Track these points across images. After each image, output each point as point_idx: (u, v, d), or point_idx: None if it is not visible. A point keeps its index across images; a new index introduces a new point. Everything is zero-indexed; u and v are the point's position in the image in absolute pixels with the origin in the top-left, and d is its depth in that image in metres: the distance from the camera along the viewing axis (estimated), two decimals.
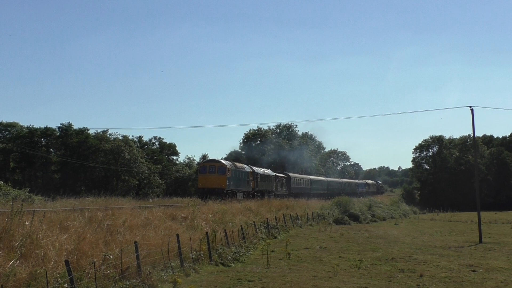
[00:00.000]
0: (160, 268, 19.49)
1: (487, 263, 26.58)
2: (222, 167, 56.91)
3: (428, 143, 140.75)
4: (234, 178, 59.30)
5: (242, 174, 63.79)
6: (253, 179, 67.61)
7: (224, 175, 56.04)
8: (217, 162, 59.47)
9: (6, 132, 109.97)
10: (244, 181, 64.03)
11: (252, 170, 68.27)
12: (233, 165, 61.56)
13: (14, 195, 43.76)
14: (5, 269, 13.50)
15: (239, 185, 61.65)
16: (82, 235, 19.12)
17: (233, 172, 59.07)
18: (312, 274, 22.19)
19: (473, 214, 51.97)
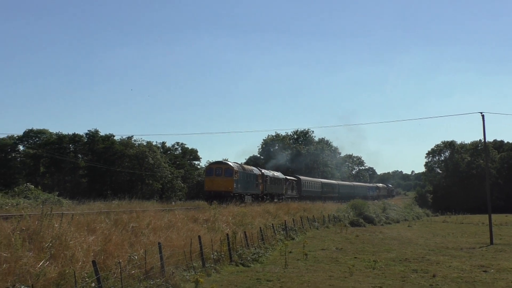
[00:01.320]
0: (182, 268, 19.51)
1: (498, 264, 26.42)
2: (229, 169, 53.66)
3: (440, 148, 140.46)
4: (242, 180, 55.81)
5: (251, 176, 60.44)
6: (262, 182, 63.90)
7: (231, 178, 52.60)
8: (224, 164, 56.02)
9: (36, 139, 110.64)
10: (252, 184, 60.57)
11: (261, 172, 65.09)
12: (241, 167, 58.43)
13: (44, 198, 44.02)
14: (35, 269, 13.56)
15: (247, 188, 58.06)
16: (109, 236, 19.18)
17: (240, 174, 55.61)
18: (329, 274, 22.14)
19: (484, 217, 51.75)
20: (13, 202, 39.68)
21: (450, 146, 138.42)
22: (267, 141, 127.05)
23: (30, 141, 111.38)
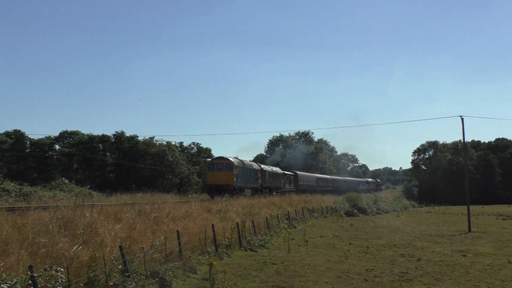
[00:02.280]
0: (198, 253, 19.54)
1: (475, 249, 26.37)
2: (229, 164, 51.42)
3: (425, 147, 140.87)
4: (241, 175, 53.66)
5: (250, 171, 58.02)
6: (261, 176, 61.45)
7: (232, 172, 50.57)
8: (225, 159, 52.94)
9: (70, 139, 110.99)
10: (252, 178, 58.15)
11: (260, 167, 62.58)
12: (241, 163, 55.64)
13: (77, 191, 44.07)
14: (70, 253, 13.62)
15: (247, 182, 55.73)
16: (133, 225, 19.25)
17: (240, 169, 53.52)
18: (326, 258, 22.12)
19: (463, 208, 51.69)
20: (50, 194, 39.77)
21: (433, 145, 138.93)
22: (272, 141, 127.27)
23: (65, 141, 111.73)
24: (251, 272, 18.16)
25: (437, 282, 17.03)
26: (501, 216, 60.29)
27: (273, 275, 17.76)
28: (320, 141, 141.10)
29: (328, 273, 18.40)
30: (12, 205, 25.93)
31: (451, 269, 19.87)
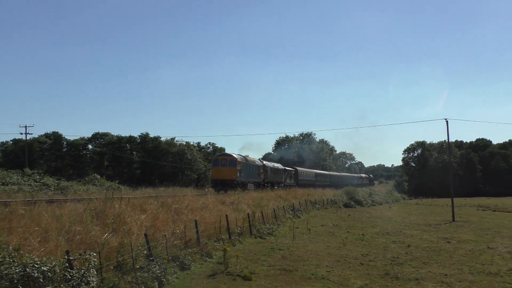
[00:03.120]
0: (213, 240, 19.58)
1: (458, 236, 26.31)
2: (232, 160, 49.16)
3: (414, 147, 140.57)
4: (244, 170, 51.42)
5: (253, 167, 55.76)
6: (263, 172, 59.33)
7: (235, 168, 48.40)
8: (228, 156, 51.01)
9: (101, 140, 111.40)
10: (254, 173, 55.78)
11: (262, 163, 60.53)
12: (244, 159, 53.41)
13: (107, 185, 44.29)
14: (101, 239, 13.68)
15: (249, 177, 53.34)
16: (156, 215, 19.30)
17: (243, 165, 51.32)
18: (327, 245, 22.13)
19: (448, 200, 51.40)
20: (84, 188, 40.02)
21: (421, 145, 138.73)
22: (278, 141, 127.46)
23: (97, 141, 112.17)
24: (260, 257, 18.19)
25: (424, 266, 17.01)
26: (481, 207, 60.32)
27: (280, 259, 17.79)
28: (321, 141, 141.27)
29: (328, 258, 18.41)
30: (51, 197, 26.06)
31: (437, 254, 19.85)
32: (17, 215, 14.07)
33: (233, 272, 15.04)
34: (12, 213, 14.25)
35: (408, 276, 15.11)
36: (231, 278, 14.29)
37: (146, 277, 13.00)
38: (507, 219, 40.89)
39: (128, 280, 12.43)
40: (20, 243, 11.41)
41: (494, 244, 23.34)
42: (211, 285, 13.48)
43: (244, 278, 14.26)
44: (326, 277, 14.79)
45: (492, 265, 17.43)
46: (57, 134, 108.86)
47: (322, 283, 14.00)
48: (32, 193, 29.94)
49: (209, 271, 15.31)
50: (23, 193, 28.80)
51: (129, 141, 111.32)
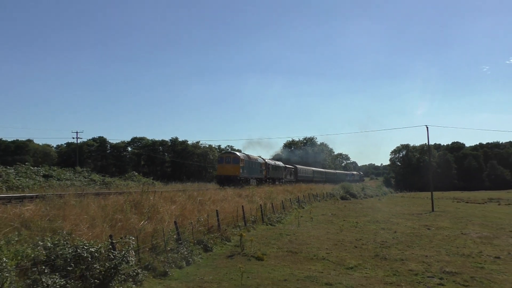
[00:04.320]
0: (231, 226, 19.58)
1: (437, 224, 26.13)
2: (236, 158, 46.10)
3: (399, 149, 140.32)
4: (247, 167, 48.13)
5: (255, 164, 52.05)
6: (265, 169, 55.65)
7: (238, 165, 45.39)
8: (232, 154, 48.43)
9: (138, 143, 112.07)
10: (257, 170, 52.18)
11: (264, 161, 56.67)
12: (247, 157, 49.95)
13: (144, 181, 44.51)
14: (138, 226, 13.74)
15: (252, 173, 49.92)
16: (184, 205, 19.35)
17: (246, 162, 48.00)
18: (326, 231, 22.06)
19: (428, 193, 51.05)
20: (124, 183, 40.23)
21: (406, 147, 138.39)
22: (286, 144, 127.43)
23: (135, 144, 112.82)
24: (270, 240, 18.19)
25: (408, 248, 16.94)
26: (456, 199, 60.03)
27: (287, 243, 17.77)
28: (321, 144, 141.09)
29: (327, 242, 18.37)
30: (98, 191, 26.23)
31: (419, 239, 19.74)
32: (70, 205, 14.18)
33: (248, 253, 15.06)
34: (66, 203, 14.35)
35: (394, 257, 15.06)
36: (247, 259, 14.31)
37: (175, 257, 13.05)
38: (478, 209, 40.62)
39: (160, 260, 12.47)
40: (72, 228, 11.51)
41: (467, 230, 23.19)
42: (230, 264, 13.50)
43: (257, 259, 14.28)
44: (326, 257, 14.78)
45: (465, 248, 17.34)
46: (102, 138, 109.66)
47: (323, 263, 13.99)
48: (82, 187, 30.17)
49: (228, 253, 15.34)
50: (75, 187, 29.03)
51: (162, 144, 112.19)
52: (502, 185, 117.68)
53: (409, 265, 13.88)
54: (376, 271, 13.03)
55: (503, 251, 16.74)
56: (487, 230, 23.35)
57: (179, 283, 11.14)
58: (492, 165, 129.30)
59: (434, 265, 13.86)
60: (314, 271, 12.83)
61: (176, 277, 11.74)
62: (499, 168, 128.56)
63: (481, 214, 34.32)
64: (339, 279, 11.81)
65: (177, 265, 12.77)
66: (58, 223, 11.79)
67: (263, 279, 11.65)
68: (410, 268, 13.45)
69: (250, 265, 13.41)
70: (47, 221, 11.89)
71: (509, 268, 13.72)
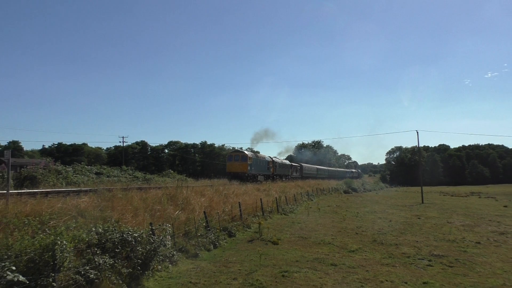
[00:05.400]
0: (251, 216, 19.59)
1: (426, 214, 25.80)
2: (244, 156, 43.65)
3: (393, 150, 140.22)
4: (255, 164, 45.35)
5: (263, 162, 49.05)
6: (272, 166, 52.46)
7: (246, 162, 43.04)
8: (241, 152, 45.45)
9: (174, 146, 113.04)
10: (264, 167, 49.14)
11: (272, 159, 53.20)
12: (255, 155, 47.21)
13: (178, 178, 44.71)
14: (174, 215, 13.82)
15: (260, 170, 47.06)
16: (212, 198, 19.42)
17: (254, 160, 45.26)
18: (332, 220, 21.94)
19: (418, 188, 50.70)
20: (162, 180, 40.47)
21: (399, 149, 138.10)
22: (297, 146, 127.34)
23: (171, 147, 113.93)
24: (284, 228, 18.14)
25: (401, 235, 16.75)
26: (443, 193, 59.15)
27: (298, 230, 17.72)
28: (327, 146, 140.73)
29: (332, 229, 18.26)
30: (140, 186, 26.45)
31: (410, 227, 19.51)
32: (117, 198, 14.33)
33: (265, 238, 15.05)
34: (114, 196, 14.51)
35: (389, 242, 14.91)
36: (264, 243, 14.29)
37: (204, 242, 13.09)
38: (461, 201, 40.05)
39: (192, 243, 12.52)
40: (119, 217, 11.62)
41: (452, 219, 22.87)
42: (250, 247, 13.50)
43: (273, 243, 14.25)
44: (331, 242, 14.68)
45: (450, 234, 17.10)
46: (144, 142, 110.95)
47: (328, 247, 13.90)
48: (127, 182, 30.46)
49: (249, 238, 15.34)
50: (121, 182, 29.30)
51: (193, 147, 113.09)
52: (482, 181, 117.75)
53: (402, 249, 13.73)
54: (374, 254, 12.91)
55: (483, 237, 16.48)
56: (469, 219, 23.01)
57: (208, 263, 11.18)
58: (473, 164, 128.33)
59: (424, 249, 13.69)
60: (321, 253, 12.76)
61: (205, 258, 11.78)
62: (479, 166, 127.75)
63: (464, 206, 33.83)
64: (343, 261, 11.73)
65: (206, 248, 12.81)
66: (107, 212, 11.92)
67: (278, 260, 11.63)
68: (403, 251, 13.30)
69: (267, 248, 13.39)
70: (98, 211, 12.04)
71: (488, 252, 13.50)
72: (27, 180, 25.91)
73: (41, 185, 25.29)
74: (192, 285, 9.10)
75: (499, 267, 11.45)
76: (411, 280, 9.82)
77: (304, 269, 10.61)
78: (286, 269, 10.50)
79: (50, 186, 25.26)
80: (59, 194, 15.93)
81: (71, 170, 34.19)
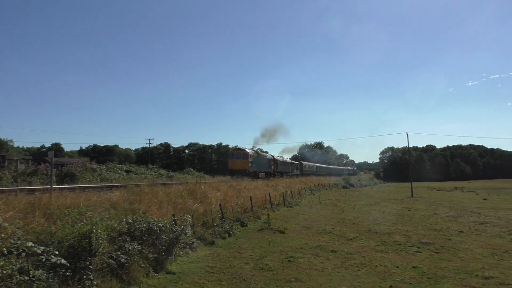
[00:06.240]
0: (261, 208, 19.57)
1: (415, 206, 25.57)
2: (245, 154, 40.75)
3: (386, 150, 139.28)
4: (256, 162, 42.42)
5: (264, 160, 45.88)
6: (273, 164, 49.44)
7: (247, 160, 40.23)
8: (242, 150, 41.92)
9: (193, 147, 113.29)
10: (265, 165, 46.01)
11: (273, 157, 50.10)
12: (255, 153, 44.06)
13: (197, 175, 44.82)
14: (193, 207, 13.87)
15: (260, 168, 44.09)
16: (227, 192, 19.45)
17: (255, 158, 42.38)
18: (332, 211, 21.84)
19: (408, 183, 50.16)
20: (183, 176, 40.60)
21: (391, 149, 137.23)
22: (301, 147, 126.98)
23: (190, 148, 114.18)
24: (290, 219, 18.11)
25: (393, 225, 16.63)
26: (430, 188, 58.61)
27: (302, 220, 17.67)
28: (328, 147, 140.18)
29: (332, 220, 18.19)
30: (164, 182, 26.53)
31: (401, 218, 19.35)
32: (144, 192, 14.42)
33: (273, 228, 15.02)
34: (141, 191, 14.60)
35: (383, 231, 14.81)
36: (272, 232, 14.27)
37: (220, 231, 13.12)
38: (446, 195, 39.63)
39: (209, 232, 12.56)
40: (146, 209, 11.69)
41: (438, 211, 22.64)
42: (260, 236, 13.49)
43: (280, 232, 14.23)
44: (331, 231, 14.63)
45: (437, 224, 16.94)
46: (167, 144, 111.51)
47: (329, 235, 13.84)
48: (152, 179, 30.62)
49: (259, 227, 15.34)
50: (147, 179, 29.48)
51: (210, 148, 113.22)
52: (464, 177, 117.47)
53: (394, 237, 13.63)
54: (369, 241, 12.83)
55: (465, 227, 16.32)
56: (453, 211, 22.77)
57: (223, 250, 11.21)
58: (456, 162, 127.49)
59: (413, 237, 13.57)
60: (323, 241, 12.71)
61: (220, 245, 11.81)
62: (462, 164, 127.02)
63: (449, 199, 33.48)
64: (342, 248, 11.68)
65: (221, 236, 12.84)
66: (136, 205, 12.01)
67: (285, 247, 11.61)
68: (395, 239, 13.21)
69: (275, 236, 13.38)
70: (128, 203, 12.12)
71: (470, 240, 13.36)
72: (67, 177, 26.20)
73: (79, 181, 25.54)
74: (210, 268, 9.13)
75: (479, 253, 11.34)
76: (402, 265, 9.75)
77: (307, 255, 10.59)
78: (292, 255, 10.49)
79: (86, 182, 25.49)
80: (94, 189, 16.07)
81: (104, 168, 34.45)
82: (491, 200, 32.09)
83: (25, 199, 9.89)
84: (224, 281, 8.16)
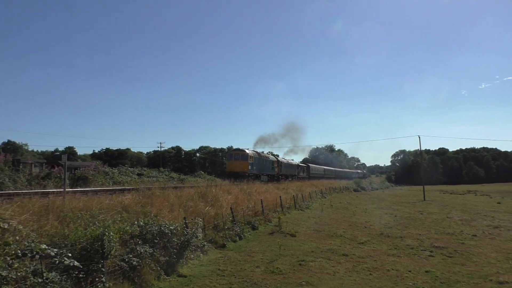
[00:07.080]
0: (272, 211, 19.52)
1: (428, 210, 25.29)
2: (244, 155, 36.92)
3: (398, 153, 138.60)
4: (257, 164, 38.61)
5: (267, 161, 41.99)
6: (277, 166, 45.28)
7: (246, 161, 36.50)
8: (241, 151, 38.00)
9: (204, 150, 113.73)
10: (268, 167, 42.11)
11: (276, 159, 46.54)
12: (257, 154, 39.84)
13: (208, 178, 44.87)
14: (204, 210, 13.86)
15: (262, 170, 40.23)
16: (237, 196, 19.41)
17: (256, 159, 38.50)
18: (343, 215, 21.70)
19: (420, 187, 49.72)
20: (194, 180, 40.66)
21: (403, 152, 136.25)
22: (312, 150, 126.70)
23: (202, 151, 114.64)
24: (301, 222, 18.02)
25: (405, 228, 16.45)
26: (442, 191, 58.10)
27: (313, 224, 17.58)
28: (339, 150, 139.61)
29: (344, 223, 18.06)
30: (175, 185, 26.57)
31: (414, 221, 19.15)
32: (156, 195, 14.46)
33: (284, 231, 14.96)
34: (153, 194, 14.65)
35: (395, 235, 14.65)
36: (283, 235, 14.22)
37: (231, 234, 13.10)
38: (459, 198, 39.15)
39: (220, 235, 12.54)
40: (157, 212, 11.72)
41: (451, 215, 22.36)
42: (271, 239, 13.45)
43: (291, 235, 14.16)
44: (343, 235, 14.51)
45: (450, 228, 16.72)
46: (178, 147, 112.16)
47: (340, 239, 13.74)
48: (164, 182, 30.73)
49: (270, 231, 15.29)
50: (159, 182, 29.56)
51: (221, 151, 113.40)
52: (478, 180, 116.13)
53: (406, 241, 13.47)
54: (381, 245, 12.70)
55: (479, 231, 16.07)
56: (466, 215, 22.45)
57: (234, 253, 11.19)
58: (469, 165, 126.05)
59: (426, 241, 13.40)
60: (334, 245, 12.62)
61: (231, 248, 11.79)
62: (475, 167, 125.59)
63: (461, 203, 33.03)
64: (353, 251, 11.58)
65: (232, 240, 12.82)
66: (147, 208, 12.04)
67: (296, 251, 11.55)
68: (407, 243, 13.05)
69: (285, 240, 13.32)
70: (140, 206, 12.17)
71: (483, 244, 13.15)
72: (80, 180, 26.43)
73: (91, 184, 25.76)
74: (221, 271, 9.11)
75: (494, 257, 11.15)
76: (414, 269, 9.62)
77: (318, 259, 10.51)
78: (303, 259, 10.42)
79: (99, 185, 25.69)
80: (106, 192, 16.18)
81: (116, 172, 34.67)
82: (505, 204, 31.57)
83: (39, 202, 9.99)
84: (235, 285, 8.15)
